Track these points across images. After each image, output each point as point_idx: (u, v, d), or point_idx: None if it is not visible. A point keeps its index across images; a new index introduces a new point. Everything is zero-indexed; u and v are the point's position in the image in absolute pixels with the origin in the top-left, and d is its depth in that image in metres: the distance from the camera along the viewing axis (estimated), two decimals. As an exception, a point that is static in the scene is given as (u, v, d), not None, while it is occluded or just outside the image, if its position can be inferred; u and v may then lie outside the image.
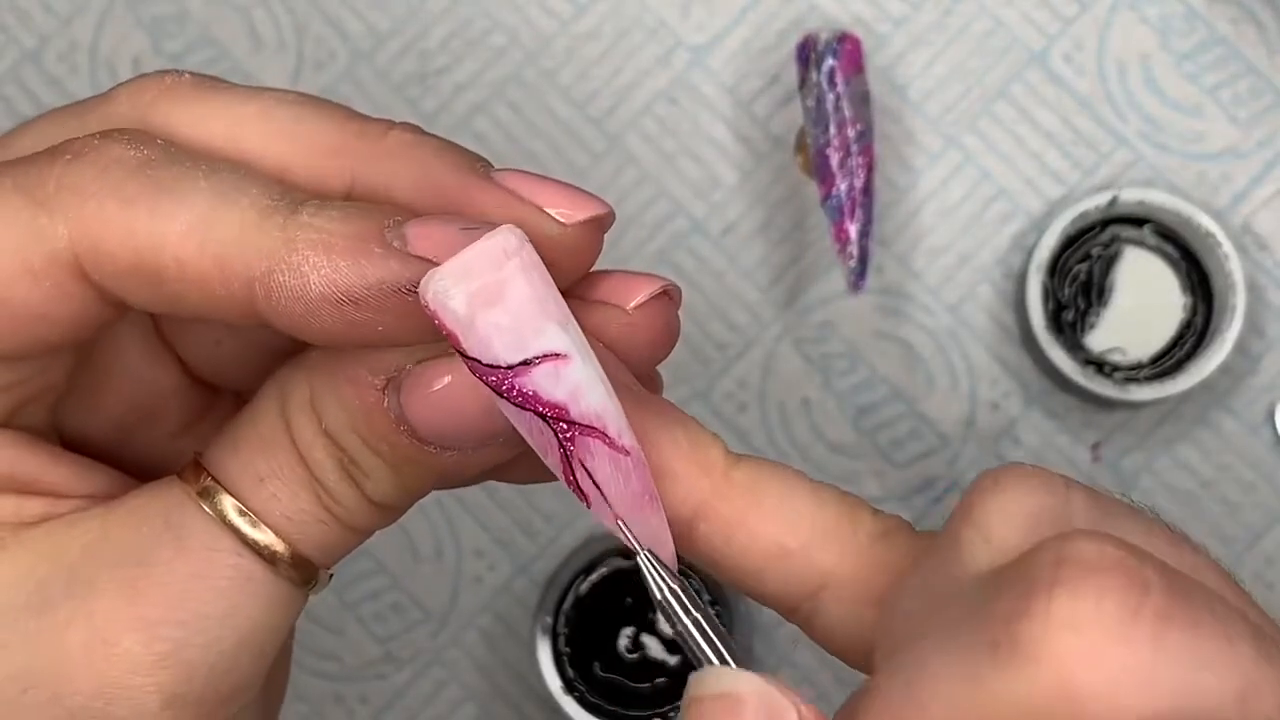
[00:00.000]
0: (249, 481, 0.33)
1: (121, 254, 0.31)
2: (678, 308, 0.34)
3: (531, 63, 0.65)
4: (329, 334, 0.31)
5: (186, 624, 0.33)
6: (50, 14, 0.66)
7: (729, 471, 0.32)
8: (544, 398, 0.30)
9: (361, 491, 0.33)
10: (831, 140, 0.60)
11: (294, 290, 0.30)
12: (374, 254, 0.30)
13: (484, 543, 0.63)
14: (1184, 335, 0.62)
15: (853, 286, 0.59)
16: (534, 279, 0.30)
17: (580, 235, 0.32)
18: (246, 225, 0.31)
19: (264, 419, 0.33)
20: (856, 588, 0.32)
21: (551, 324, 0.30)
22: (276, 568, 0.33)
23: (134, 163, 0.32)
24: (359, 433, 0.33)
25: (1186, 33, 0.65)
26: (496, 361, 0.30)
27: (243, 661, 0.34)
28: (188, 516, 0.33)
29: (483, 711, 0.62)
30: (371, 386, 0.32)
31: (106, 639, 0.32)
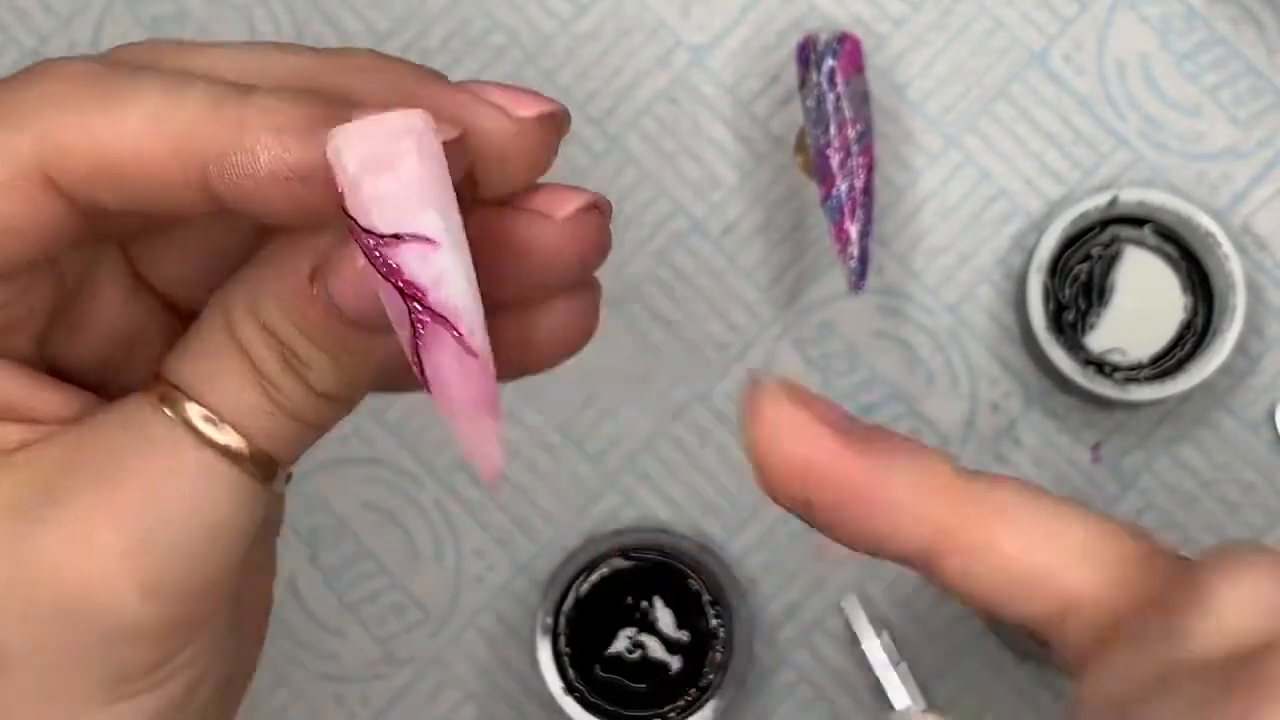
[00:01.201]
0: (200, 382, 0.35)
1: (83, 156, 0.33)
2: (608, 220, 0.35)
3: (531, 63, 0.65)
4: (279, 212, 0.33)
5: (157, 518, 0.34)
6: (50, 14, 0.66)
7: (966, 491, 0.31)
8: (406, 275, 0.31)
9: (305, 383, 0.35)
10: (832, 140, 0.60)
11: (244, 168, 0.32)
12: (321, 134, 0.32)
13: (484, 543, 0.63)
14: (1184, 335, 0.62)
15: (853, 287, 0.60)
16: (427, 162, 0.31)
17: (535, 130, 0.34)
18: (199, 112, 0.33)
19: (208, 325, 0.36)
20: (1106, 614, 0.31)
21: (432, 209, 0.31)
22: (236, 462, 0.35)
23: (88, 74, 0.34)
24: (295, 323, 0.34)
25: (1186, 33, 0.65)
26: (372, 227, 0.31)
27: (211, 554, 0.35)
28: (150, 421, 0.35)
29: (483, 712, 0.62)
30: (300, 275, 0.34)
31: (82, 535, 0.34)
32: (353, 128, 0.31)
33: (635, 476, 0.63)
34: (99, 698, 0.35)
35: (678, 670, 0.60)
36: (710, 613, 0.60)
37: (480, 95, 0.34)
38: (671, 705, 0.60)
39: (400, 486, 0.63)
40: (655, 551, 0.60)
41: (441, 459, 0.63)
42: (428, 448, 0.63)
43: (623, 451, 0.63)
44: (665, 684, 0.60)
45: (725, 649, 0.60)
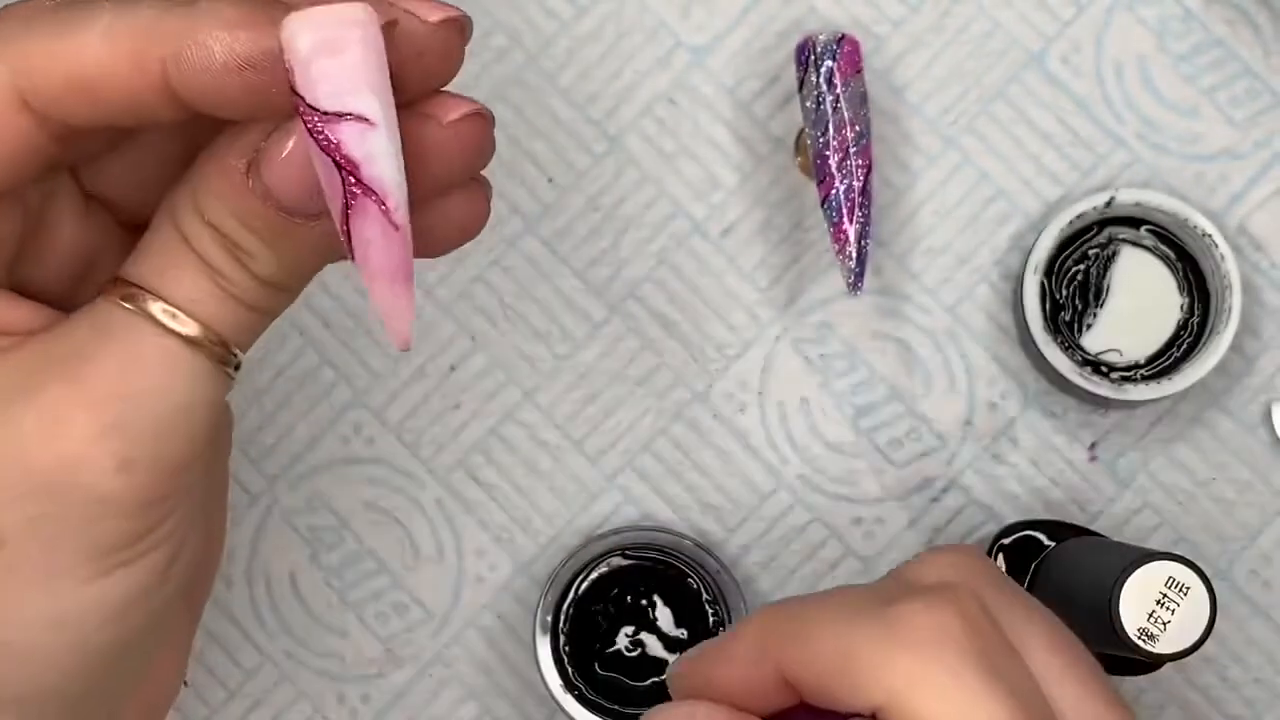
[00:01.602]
0: (154, 277, 0.38)
1: (53, 75, 0.37)
2: (490, 127, 0.39)
3: (532, 64, 0.65)
4: (234, 101, 0.36)
5: (126, 398, 0.38)
6: (53, 16, 0.66)
7: None
8: (344, 150, 0.35)
9: (249, 271, 0.38)
10: (830, 141, 0.60)
11: (200, 62, 0.36)
12: (266, 27, 0.35)
13: (484, 542, 0.63)
14: (1180, 335, 0.62)
15: (851, 287, 0.60)
16: (370, 52, 0.35)
17: (443, 31, 0.38)
18: (151, 19, 0.36)
19: (159, 225, 0.39)
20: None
21: (371, 93, 0.35)
22: (195, 347, 0.38)
23: (50, 5, 0.37)
24: (235, 215, 0.38)
25: (1183, 34, 0.65)
26: (316, 104, 0.35)
27: (181, 432, 0.39)
28: (113, 315, 0.38)
29: (483, 710, 0.63)
30: (237, 170, 0.38)
31: (58, 418, 0.37)
32: (306, 15, 0.35)
33: (635, 476, 0.64)
34: (86, 570, 0.38)
35: (677, 669, 0.60)
36: (709, 612, 0.60)
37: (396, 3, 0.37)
38: (671, 703, 0.60)
39: (400, 486, 0.63)
40: (655, 551, 0.61)
41: (441, 459, 0.63)
42: (428, 448, 0.63)
43: (623, 451, 0.64)
44: (664, 682, 0.60)
45: (724, 647, 0.60)
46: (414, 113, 0.38)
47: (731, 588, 0.60)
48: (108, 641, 0.40)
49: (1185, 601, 0.49)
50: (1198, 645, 0.50)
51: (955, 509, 0.63)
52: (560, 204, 0.64)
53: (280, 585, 0.63)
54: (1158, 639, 0.49)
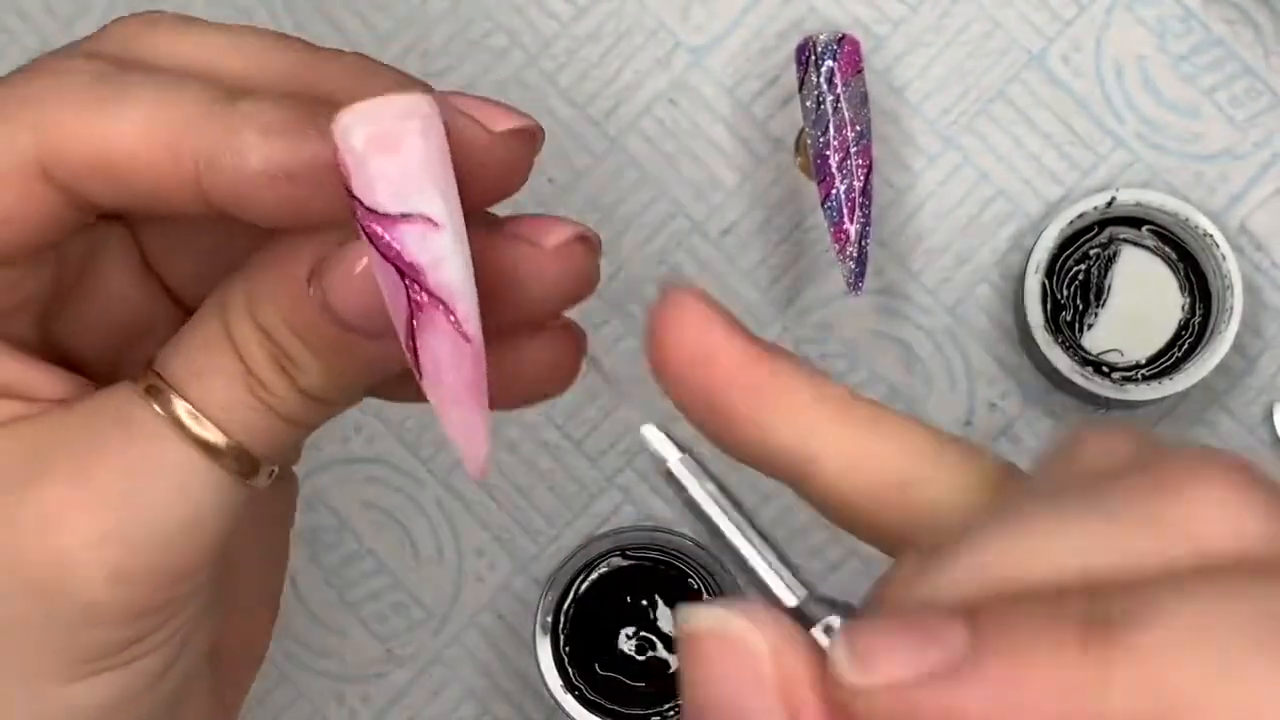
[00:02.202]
0: (188, 377, 0.35)
1: (80, 153, 0.34)
2: (597, 255, 0.36)
3: (532, 64, 0.65)
4: (268, 212, 0.33)
5: (130, 506, 0.35)
6: (52, 16, 0.66)
7: (850, 404, 0.32)
8: (406, 256, 0.32)
9: (294, 383, 0.35)
10: (830, 141, 0.60)
11: (235, 169, 0.33)
12: (308, 134, 0.32)
13: (484, 542, 0.63)
14: (1181, 335, 0.62)
15: (852, 287, 0.60)
16: (431, 145, 0.32)
17: (509, 143, 0.34)
18: (191, 116, 0.33)
19: (204, 320, 0.36)
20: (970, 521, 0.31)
21: (435, 191, 0.32)
22: (218, 458, 0.35)
23: (88, 74, 0.35)
24: (288, 324, 0.35)
25: (1183, 34, 0.65)
26: (376, 206, 0.31)
27: (186, 545, 0.36)
28: (135, 409, 0.35)
29: (483, 710, 0.63)
30: (297, 278, 0.34)
31: (56, 517, 0.35)
32: (360, 108, 0.31)
33: (635, 476, 0.63)
34: (67, 673, 0.36)
35: (677, 669, 0.60)
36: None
37: (458, 106, 0.34)
38: (671, 704, 0.60)
39: (400, 486, 0.63)
40: (655, 551, 0.61)
41: (441, 459, 0.63)
42: (428, 447, 0.63)
43: (623, 451, 0.64)
44: (665, 682, 0.60)
45: (724, 648, 0.60)
46: (504, 235, 0.35)
47: (732, 588, 0.60)
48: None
49: (1187, 601, 0.49)
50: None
51: (956, 509, 0.63)
52: (560, 204, 0.64)
53: (280, 585, 0.63)
54: (1159, 638, 0.49)
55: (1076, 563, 0.26)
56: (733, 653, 0.27)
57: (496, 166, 0.34)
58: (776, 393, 0.32)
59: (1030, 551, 0.26)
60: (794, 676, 0.27)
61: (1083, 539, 0.26)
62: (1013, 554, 0.26)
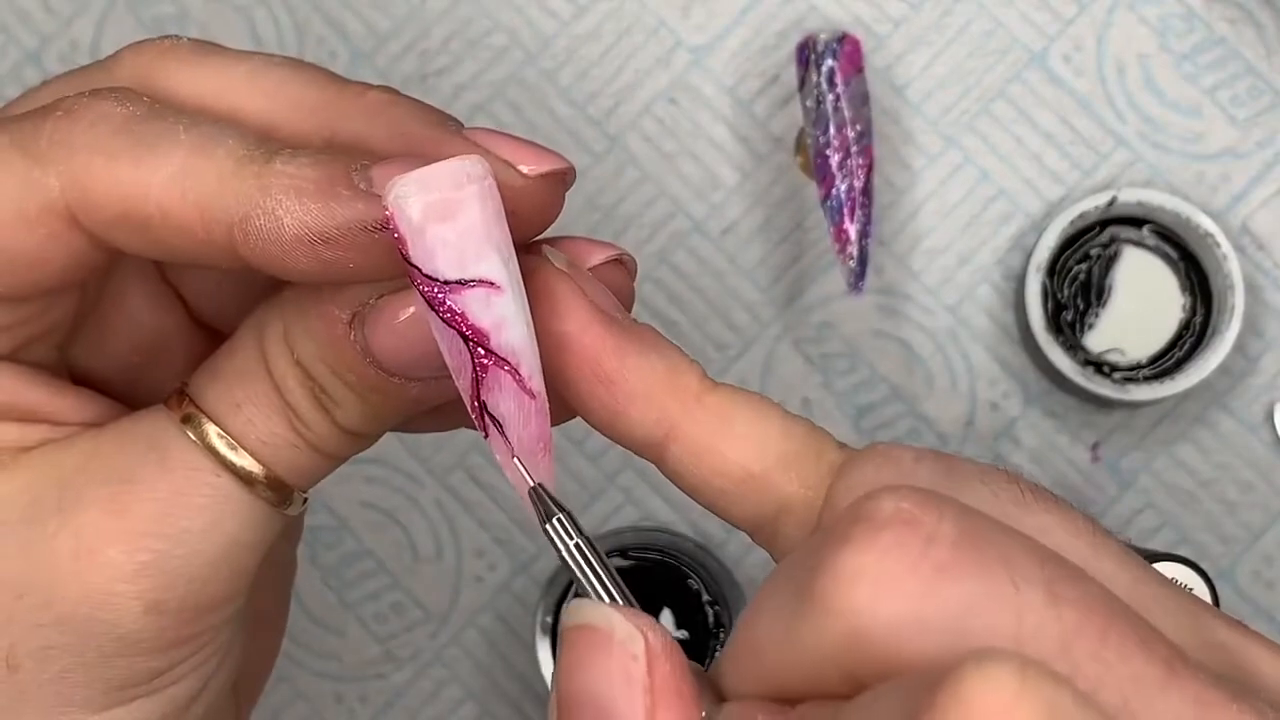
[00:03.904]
0: (227, 408, 0.35)
1: (108, 204, 0.34)
2: (633, 277, 0.37)
3: (532, 63, 0.65)
4: (304, 272, 0.33)
5: (167, 537, 0.35)
6: (51, 14, 0.66)
7: (703, 396, 0.33)
8: (470, 320, 0.32)
9: (332, 418, 0.35)
10: (831, 140, 0.60)
11: (269, 233, 0.32)
12: (342, 195, 0.32)
13: (484, 542, 0.63)
14: (1183, 335, 0.62)
15: (852, 287, 0.60)
16: (488, 208, 0.32)
17: (542, 187, 0.34)
18: (224, 174, 0.33)
19: (241, 351, 0.36)
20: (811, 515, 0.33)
21: (494, 254, 0.32)
22: (253, 488, 0.35)
23: (120, 118, 0.34)
24: (327, 363, 0.35)
25: (1185, 33, 0.65)
26: (436, 274, 0.31)
27: (221, 575, 0.36)
28: (171, 439, 0.35)
29: (483, 711, 0.63)
30: (339, 320, 0.34)
31: (92, 549, 0.35)
32: (415, 176, 0.31)
33: (635, 476, 0.63)
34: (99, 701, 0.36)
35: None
36: (710, 612, 0.60)
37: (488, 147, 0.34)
38: (671, 704, 0.60)
39: (400, 486, 0.63)
40: (655, 551, 0.61)
41: (441, 459, 0.63)
42: (428, 448, 0.63)
43: (623, 451, 0.63)
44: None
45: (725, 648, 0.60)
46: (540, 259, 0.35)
47: (732, 589, 0.60)
48: None
49: (1188, 602, 0.49)
50: (1201, 646, 0.50)
51: (956, 509, 0.63)
52: (560, 203, 0.64)
53: (279, 586, 0.63)
54: (1161, 639, 0.49)
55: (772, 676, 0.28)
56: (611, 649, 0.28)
57: (529, 208, 0.34)
58: (628, 385, 0.33)
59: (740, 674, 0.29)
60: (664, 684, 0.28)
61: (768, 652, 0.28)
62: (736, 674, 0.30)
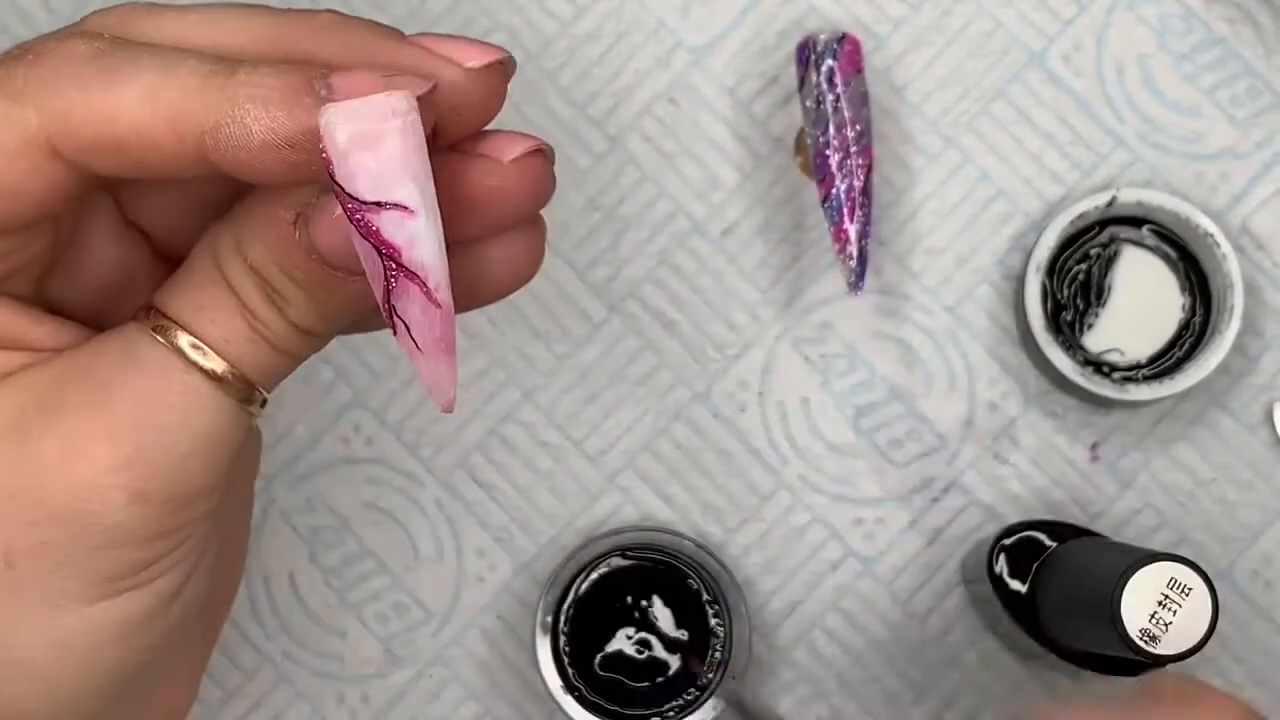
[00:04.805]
0: (190, 312, 0.38)
1: (86, 130, 0.36)
2: (551, 163, 0.39)
3: (532, 63, 0.65)
4: (270, 174, 0.36)
5: (146, 431, 0.38)
6: (52, 14, 0.66)
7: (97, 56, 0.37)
8: (384, 237, 0.35)
9: (285, 316, 0.38)
10: (831, 141, 0.60)
11: (238, 139, 0.35)
12: (305, 103, 0.35)
13: (484, 542, 0.63)
14: (1182, 335, 0.62)
15: (852, 287, 0.60)
16: (409, 141, 0.34)
17: (483, 78, 0.38)
18: (191, 88, 0.36)
19: (198, 263, 0.39)
20: None
21: (411, 183, 0.35)
22: (220, 384, 0.38)
23: (88, 53, 0.37)
24: (277, 262, 0.38)
25: (1184, 33, 0.65)
26: (356, 194, 0.35)
27: (197, 467, 0.39)
28: (142, 345, 0.38)
29: (483, 710, 0.63)
30: (285, 221, 0.37)
31: (77, 447, 0.37)
32: (344, 106, 0.34)
33: (635, 476, 0.63)
34: (91, 594, 0.39)
35: (677, 669, 0.60)
36: (709, 612, 0.60)
37: (432, 49, 0.37)
38: (671, 704, 0.60)
39: (400, 486, 0.63)
40: (655, 551, 0.61)
41: (441, 459, 0.63)
42: (427, 448, 0.63)
43: (623, 451, 0.64)
44: (664, 683, 0.60)
45: (724, 648, 0.60)
46: (469, 155, 0.38)
47: (732, 589, 0.60)
48: (114, 661, 0.40)
49: (1187, 602, 0.49)
50: (1200, 646, 0.50)
51: (956, 509, 0.63)
52: (560, 203, 0.64)
53: (279, 585, 0.63)
54: (1159, 640, 0.49)
55: None
56: None
57: (473, 101, 0.37)
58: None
59: None
60: None
61: None
62: None
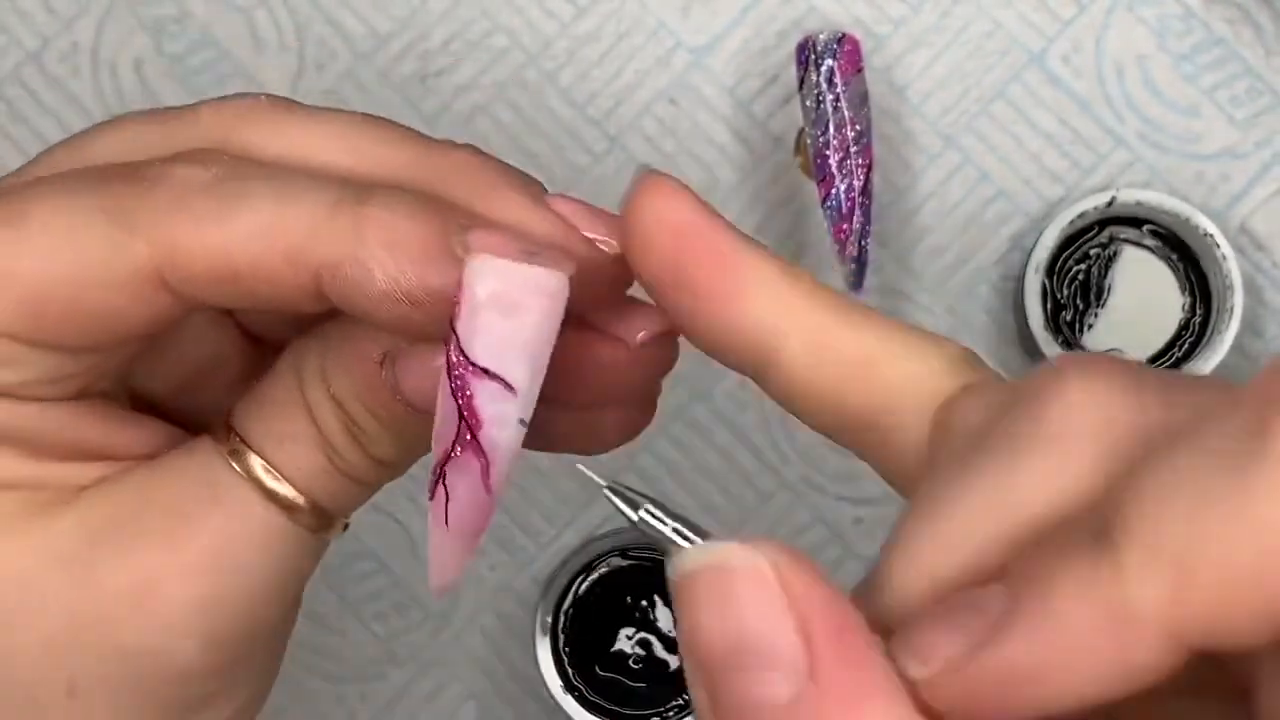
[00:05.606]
0: (272, 442, 0.36)
1: (198, 265, 0.34)
2: (676, 340, 0.37)
3: (532, 64, 0.65)
4: (382, 323, 0.34)
5: (222, 571, 0.36)
6: (52, 15, 0.66)
7: (819, 288, 0.33)
8: (474, 404, 0.33)
9: (365, 450, 0.37)
10: (831, 141, 0.60)
11: (359, 284, 0.33)
12: (439, 263, 0.33)
13: (484, 542, 0.63)
14: (1182, 335, 0.62)
15: (852, 287, 0.60)
16: (545, 325, 0.32)
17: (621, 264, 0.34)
18: (315, 219, 0.33)
19: (281, 385, 0.37)
20: (933, 401, 0.32)
21: (528, 364, 0.33)
22: (297, 517, 0.37)
23: (203, 180, 0.34)
24: (361, 399, 0.36)
25: (1184, 34, 0.65)
26: (469, 351, 0.32)
27: (271, 603, 0.37)
28: (221, 474, 0.36)
29: (483, 711, 0.63)
30: (371, 359, 0.35)
31: (150, 585, 0.36)
32: (497, 265, 0.32)
33: (635, 477, 0.63)
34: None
35: (677, 669, 0.60)
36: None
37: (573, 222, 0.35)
38: (671, 704, 0.60)
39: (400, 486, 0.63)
40: (655, 551, 0.61)
41: (442, 459, 0.63)
42: (428, 447, 0.63)
43: (624, 451, 0.63)
44: (665, 683, 0.60)
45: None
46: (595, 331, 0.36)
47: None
48: None
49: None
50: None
51: (956, 509, 0.63)
52: (560, 203, 0.64)
53: (279, 586, 0.63)
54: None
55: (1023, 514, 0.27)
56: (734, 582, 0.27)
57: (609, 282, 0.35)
58: (746, 269, 0.32)
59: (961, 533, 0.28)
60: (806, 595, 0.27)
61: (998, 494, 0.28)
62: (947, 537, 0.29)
